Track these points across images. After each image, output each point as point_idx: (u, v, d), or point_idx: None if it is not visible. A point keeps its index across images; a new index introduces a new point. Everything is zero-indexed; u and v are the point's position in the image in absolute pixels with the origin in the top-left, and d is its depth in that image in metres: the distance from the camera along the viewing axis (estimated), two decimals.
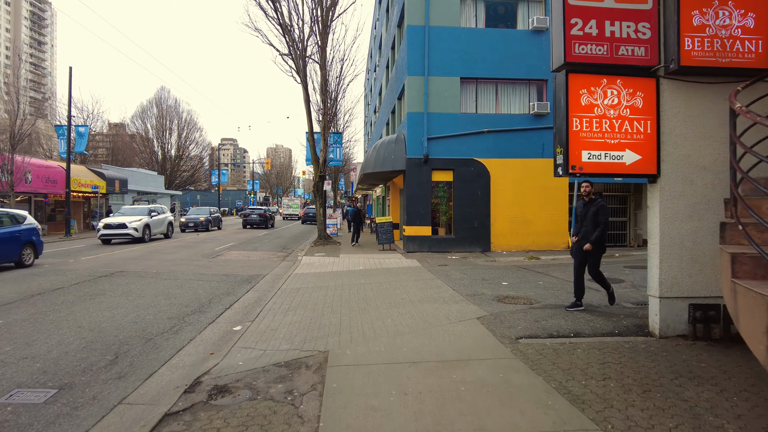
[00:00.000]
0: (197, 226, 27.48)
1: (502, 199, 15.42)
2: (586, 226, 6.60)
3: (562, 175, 5.42)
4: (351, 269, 11.80)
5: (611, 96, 5.35)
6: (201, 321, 6.98)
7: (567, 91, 5.27)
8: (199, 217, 27.95)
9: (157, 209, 21.84)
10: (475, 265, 12.35)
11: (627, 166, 5.36)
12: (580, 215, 6.75)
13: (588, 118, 5.31)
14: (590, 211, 6.57)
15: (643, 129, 5.36)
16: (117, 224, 18.83)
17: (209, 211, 29.13)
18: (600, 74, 5.33)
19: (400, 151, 15.31)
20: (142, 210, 20.71)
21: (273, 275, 11.40)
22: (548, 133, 15.61)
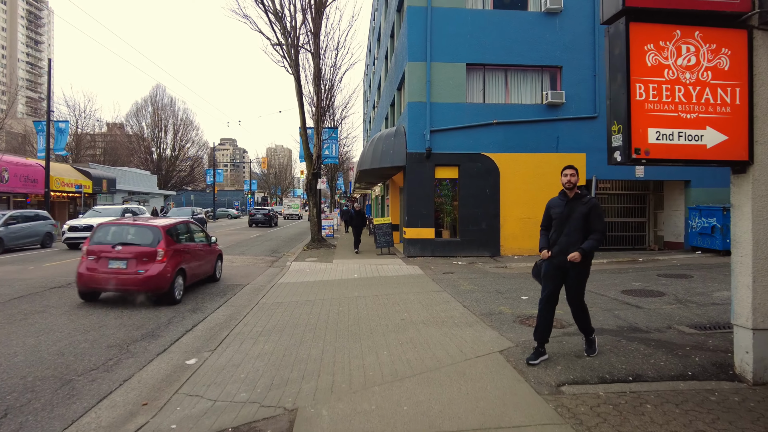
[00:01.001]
0: None
1: (513, 198, 13.97)
2: (568, 234, 4.46)
3: (621, 161, 3.98)
4: (344, 278, 10.36)
5: (687, 54, 3.91)
6: (149, 350, 5.55)
7: (627, 47, 3.82)
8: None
9: (133, 211, 19.81)
10: (485, 272, 10.90)
11: (708, 149, 3.92)
12: (559, 217, 4.57)
13: (656, 83, 3.87)
14: (576, 211, 4.47)
15: (730, 99, 3.92)
16: (84, 226, 16.64)
17: (192, 212, 27.28)
18: (672, 23, 3.89)
19: (400, 146, 13.88)
20: (114, 211, 18.71)
21: (254, 285, 9.96)
22: (563, 125, 14.17)
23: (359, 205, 16.58)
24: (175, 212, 27.53)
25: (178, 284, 8.19)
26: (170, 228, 8.51)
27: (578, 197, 4.58)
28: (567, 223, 4.52)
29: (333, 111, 24.03)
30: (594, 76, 14.21)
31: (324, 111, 17.14)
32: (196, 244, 9.51)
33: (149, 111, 57.32)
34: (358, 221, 16.30)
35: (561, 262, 4.45)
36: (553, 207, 4.74)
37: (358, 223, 16.29)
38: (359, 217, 16.38)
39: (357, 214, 16.37)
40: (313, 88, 17.07)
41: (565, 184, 4.61)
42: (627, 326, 5.88)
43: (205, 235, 10.23)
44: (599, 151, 14.02)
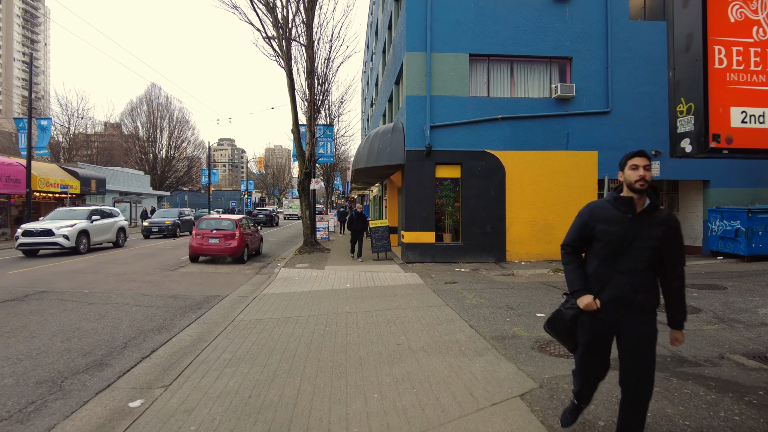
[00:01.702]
0: (163, 230, 23.37)
1: (520, 199, 12.95)
2: (632, 272, 2.67)
3: (692, 153, 2.98)
4: (335, 288, 9.33)
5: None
6: (89, 386, 4.52)
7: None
8: (165, 220, 23.90)
9: (104, 212, 17.63)
10: (492, 281, 9.87)
11: None
12: (616, 240, 2.70)
13: (741, 46, 2.86)
14: (648, 233, 2.66)
15: None
16: (40, 230, 14.52)
17: (179, 214, 25.52)
18: None
19: (398, 143, 12.85)
20: (81, 213, 16.50)
21: (234, 297, 8.93)
22: (573, 121, 13.15)
23: (361, 206, 14.84)
24: (161, 213, 25.84)
25: (246, 252, 14.19)
26: (240, 220, 14.44)
27: (651, 209, 2.69)
28: (630, 251, 2.66)
29: (329, 107, 22.98)
30: (606, 68, 13.20)
31: (317, 106, 16.12)
32: (251, 231, 15.36)
33: (144, 110, 56.33)
34: (359, 225, 14.10)
35: (617, 318, 2.71)
36: (601, 220, 2.77)
37: (358, 227, 14.09)
38: (360, 220, 14.20)
39: (358, 216, 14.21)
40: (305, 82, 16.05)
41: (637, 183, 2.65)
42: (669, 355, 4.85)
43: (255, 226, 16.47)
44: (612, 149, 13.03)
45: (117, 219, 18.27)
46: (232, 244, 13.35)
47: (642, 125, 13.37)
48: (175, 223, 24.15)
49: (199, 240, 13.43)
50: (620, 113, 13.29)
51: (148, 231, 23.48)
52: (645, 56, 13.33)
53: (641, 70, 13.33)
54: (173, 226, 23.92)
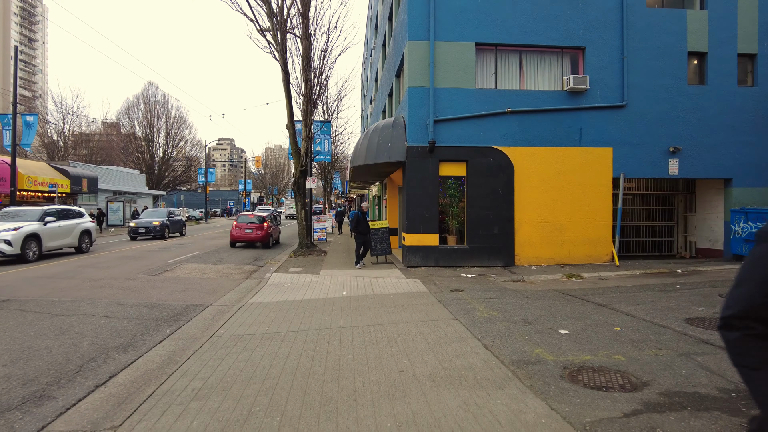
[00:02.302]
0: (150, 231, 22.08)
1: (530, 199, 12.08)
2: None
3: None
4: (330, 296, 8.46)
5: None
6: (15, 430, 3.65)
7: None
8: (153, 221, 22.54)
9: (63, 212, 15.30)
10: (502, 289, 8.99)
11: None
12: None
13: None
14: None
15: None
16: None
17: (167, 214, 24.11)
18: None
19: (399, 138, 11.98)
20: (32, 213, 14.12)
21: (218, 307, 8.07)
22: (586, 115, 12.29)
23: (367, 204, 12.79)
24: (149, 213, 24.44)
25: (271, 239, 19.01)
26: (267, 216, 19.59)
27: None
28: None
29: (327, 103, 22.09)
30: (622, 59, 12.34)
31: (314, 101, 15.25)
32: (274, 225, 20.36)
33: (141, 108, 55.55)
34: (365, 227, 12.42)
35: None
36: None
37: (364, 230, 12.35)
38: (367, 222, 12.64)
39: (364, 217, 12.56)
40: (301, 74, 15.19)
41: None
42: (732, 389, 3.99)
43: (277, 221, 22.88)
44: (628, 145, 12.18)
45: (80, 221, 16.01)
46: (260, 233, 18.28)
47: (659, 120, 12.51)
48: (163, 224, 22.80)
49: (237, 230, 18.35)
50: (636, 107, 12.42)
51: (135, 232, 22.12)
52: (663, 46, 12.47)
53: (659, 62, 12.47)
54: (161, 227, 22.60)
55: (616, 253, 12.28)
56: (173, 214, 24.97)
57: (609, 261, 12.33)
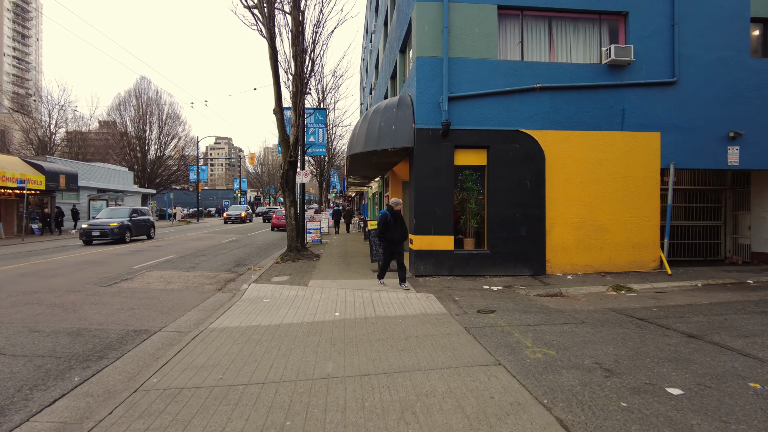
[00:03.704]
0: (107, 234, 18.24)
1: (564, 194, 10.03)
2: None
3: None
4: (317, 319, 6.38)
5: None
6: None
7: None
8: (110, 221, 18.63)
9: None
10: (543, 308, 6.91)
11: None
12: None
13: None
14: None
15: None
16: None
17: (129, 213, 20.29)
18: None
19: (406, 120, 9.90)
20: None
21: (167, 334, 5.99)
22: (630, 93, 10.23)
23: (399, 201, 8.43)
24: (108, 213, 20.51)
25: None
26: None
27: None
28: None
29: (323, 89, 19.96)
30: (672, 26, 10.28)
31: (305, 80, 13.16)
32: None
33: (133, 104, 53.50)
34: (400, 233, 8.34)
35: None
36: None
37: (397, 236, 8.32)
38: (399, 225, 8.34)
39: (397, 219, 8.34)
40: (290, 50, 13.09)
41: None
42: None
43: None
44: (678, 130, 10.14)
45: None
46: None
47: (716, 99, 10.46)
48: (123, 226, 18.99)
49: (276, 219, 27.17)
50: (689, 84, 10.37)
51: (88, 235, 18.23)
52: (721, 12, 10.43)
53: (717, 30, 10.42)
54: (121, 228, 18.76)
55: (666, 258, 10.22)
56: (139, 213, 21.42)
57: (656, 268, 10.27)
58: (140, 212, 21.60)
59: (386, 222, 8.33)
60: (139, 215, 21.12)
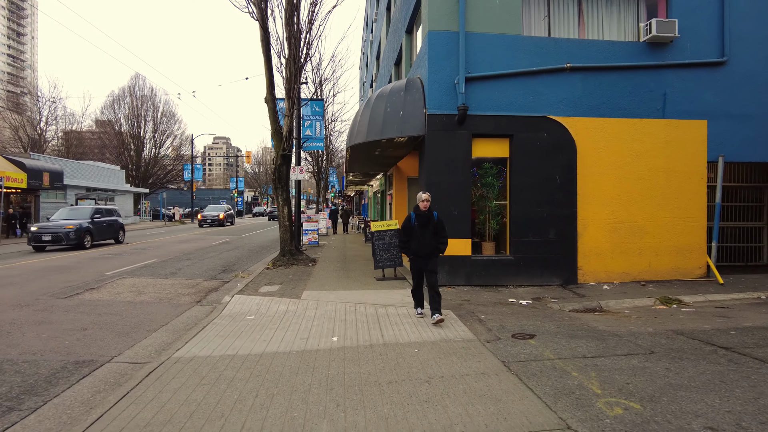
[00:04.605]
0: (61, 239, 15.40)
1: (598, 191, 8.69)
2: None
3: None
4: (309, 347, 5.01)
5: None
6: None
7: None
8: (66, 223, 15.77)
9: None
10: (592, 330, 5.54)
11: None
12: None
13: None
14: None
15: None
16: None
17: (92, 213, 17.14)
18: None
19: (415, 105, 8.55)
20: None
21: (117, 367, 4.65)
22: (672, 75, 8.90)
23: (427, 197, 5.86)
24: (64, 214, 17.25)
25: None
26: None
27: None
28: None
29: (320, 78, 18.57)
30: None
31: (301, 65, 11.81)
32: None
33: (127, 102, 52.17)
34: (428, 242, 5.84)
35: None
36: None
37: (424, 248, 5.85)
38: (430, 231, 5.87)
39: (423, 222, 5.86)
40: (284, 31, 11.72)
41: None
42: None
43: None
44: (728, 117, 8.82)
45: None
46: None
47: None
48: (81, 229, 15.98)
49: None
50: (741, 65, 9.04)
51: (38, 240, 15.44)
52: None
53: None
54: (78, 232, 15.77)
55: (714, 264, 8.89)
56: (104, 213, 18.11)
57: (703, 276, 8.94)
58: (105, 212, 18.36)
59: (409, 228, 5.93)
60: (104, 216, 17.92)
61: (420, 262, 5.91)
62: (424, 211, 5.84)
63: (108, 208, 19.01)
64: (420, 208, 5.86)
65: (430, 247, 5.84)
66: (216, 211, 34.69)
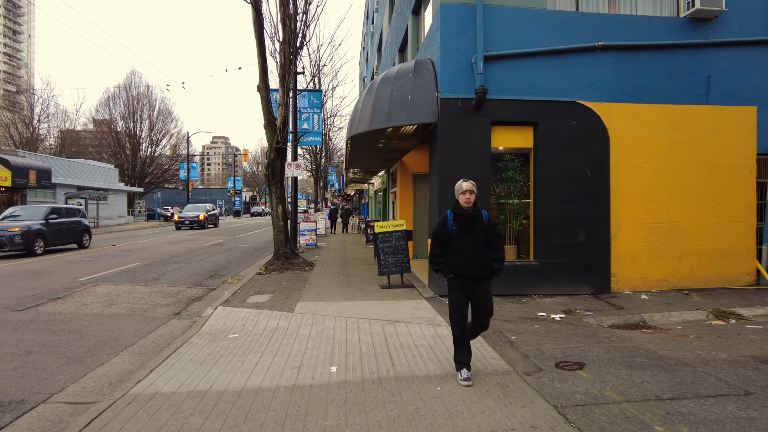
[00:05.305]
0: (4, 244, 12.97)
1: (634, 186, 7.64)
2: None
3: None
4: (301, 382, 3.94)
5: None
6: None
7: None
8: (10, 227, 13.24)
9: None
10: (651, 356, 4.48)
11: None
12: None
13: None
14: None
15: None
16: None
17: (46, 213, 14.50)
18: None
19: (426, 88, 7.48)
20: None
21: (50, 411, 3.59)
22: (716, 56, 7.86)
23: (472, 189, 3.85)
24: (15, 213, 14.54)
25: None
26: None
27: None
28: None
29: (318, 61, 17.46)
30: None
31: (297, 48, 10.74)
32: None
33: (123, 99, 51.11)
34: (477, 255, 3.86)
35: None
36: None
37: (472, 264, 3.85)
38: (477, 238, 3.88)
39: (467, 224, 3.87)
40: (278, 12, 10.66)
41: None
42: None
43: None
44: None
45: None
46: None
47: None
48: (30, 232, 13.43)
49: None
50: None
51: None
52: None
53: None
54: (26, 236, 13.26)
55: (766, 270, 7.85)
56: (62, 213, 15.36)
57: (752, 284, 7.89)
58: (66, 212, 15.59)
59: (445, 235, 3.95)
60: (62, 216, 15.17)
61: (464, 287, 3.87)
62: (467, 208, 3.85)
63: (69, 208, 16.25)
64: (461, 205, 3.87)
65: (478, 265, 3.82)
66: (196, 212, 29.15)
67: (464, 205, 3.86)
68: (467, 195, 3.84)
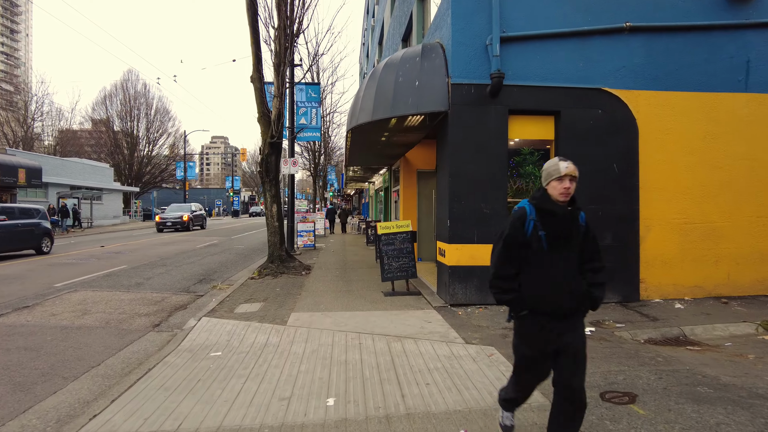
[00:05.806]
0: None
1: (664, 182, 6.89)
2: None
3: None
4: (291, 420, 3.18)
5: None
6: None
7: None
8: None
9: None
10: (716, 385, 3.72)
11: None
12: None
13: None
14: None
15: None
16: None
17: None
18: None
19: (435, 72, 6.72)
20: None
21: None
22: (756, 38, 7.11)
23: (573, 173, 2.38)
24: None
25: None
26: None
27: None
28: None
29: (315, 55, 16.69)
30: None
31: (293, 34, 9.98)
32: None
33: (120, 98, 50.38)
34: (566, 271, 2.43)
35: None
36: None
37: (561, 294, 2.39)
38: (573, 237, 2.45)
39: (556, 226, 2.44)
40: None
41: None
42: None
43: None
44: None
45: None
46: None
47: None
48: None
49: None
50: None
51: None
52: None
53: None
54: None
55: None
56: (15, 214, 13.18)
57: None
58: (19, 212, 13.38)
59: (522, 242, 2.43)
60: (14, 217, 13.00)
61: (548, 331, 2.40)
62: (562, 204, 2.41)
63: (24, 208, 13.94)
64: (552, 198, 2.41)
65: (574, 293, 2.42)
66: (179, 212, 26.20)
67: (558, 198, 2.37)
68: (566, 182, 2.34)
